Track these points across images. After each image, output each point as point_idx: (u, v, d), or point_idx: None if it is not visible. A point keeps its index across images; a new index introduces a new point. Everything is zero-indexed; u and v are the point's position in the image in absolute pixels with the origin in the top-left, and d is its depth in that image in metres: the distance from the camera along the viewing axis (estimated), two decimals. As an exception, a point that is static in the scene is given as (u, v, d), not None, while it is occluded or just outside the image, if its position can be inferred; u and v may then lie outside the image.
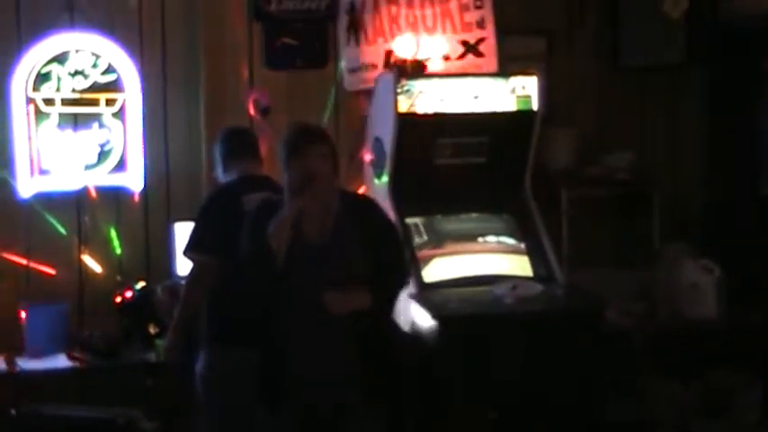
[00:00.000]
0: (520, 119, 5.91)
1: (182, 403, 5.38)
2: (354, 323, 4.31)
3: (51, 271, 6.04)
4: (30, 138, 5.90)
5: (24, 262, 5.99)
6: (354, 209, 4.44)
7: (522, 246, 5.94)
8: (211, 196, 5.14)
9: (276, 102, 6.25)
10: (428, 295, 5.49)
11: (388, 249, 4.49)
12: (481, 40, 6.38)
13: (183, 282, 5.56)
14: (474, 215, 5.97)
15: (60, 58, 5.95)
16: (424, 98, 5.71)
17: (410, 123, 5.72)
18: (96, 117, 6.05)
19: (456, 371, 5.27)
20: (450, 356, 5.26)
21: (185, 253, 4.98)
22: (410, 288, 5.24)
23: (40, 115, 5.93)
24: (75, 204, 6.06)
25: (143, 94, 6.10)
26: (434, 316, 5.30)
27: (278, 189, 4.45)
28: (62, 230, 6.05)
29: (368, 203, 4.66)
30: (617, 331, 5.91)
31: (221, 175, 5.23)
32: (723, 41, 6.77)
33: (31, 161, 5.91)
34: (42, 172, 5.94)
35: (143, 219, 6.19)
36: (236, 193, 4.85)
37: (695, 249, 6.52)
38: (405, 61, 6.06)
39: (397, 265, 4.59)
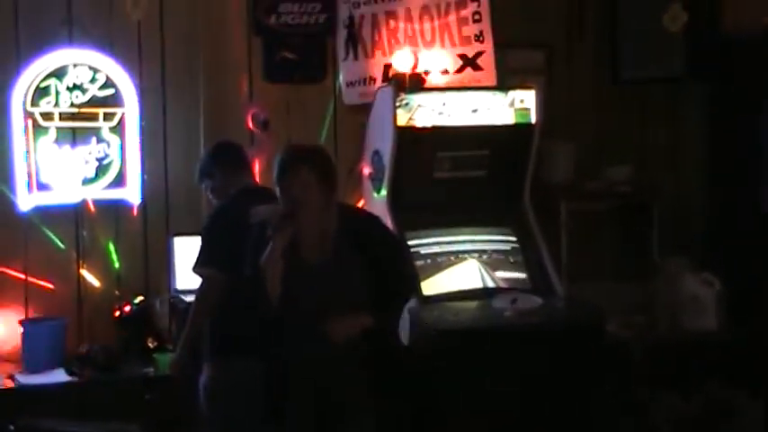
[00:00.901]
0: (519, 132, 5.92)
1: (180, 417, 5.35)
2: (358, 342, 4.37)
3: (50, 285, 6.00)
4: (28, 152, 5.88)
5: (23, 276, 5.95)
6: (353, 227, 4.44)
7: (522, 259, 5.93)
8: (219, 211, 5.10)
9: (275, 115, 6.24)
10: (427, 309, 5.46)
11: (390, 265, 4.50)
12: (480, 54, 6.38)
13: (180, 295, 5.73)
14: (473, 228, 5.93)
15: (58, 73, 5.93)
16: (422, 111, 5.71)
17: (409, 137, 5.72)
18: (95, 131, 6.02)
19: (455, 384, 5.25)
20: (449, 370, 5.24)
21: (195, 269, 4.97)
22: (410, 301, 5.20)
23: (38, 130, 5.90)
24: (73, 218, 6.03)
25: (141, 108, 6.07)
26: (434, 329, 5.28)
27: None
28: (61, 245, 6.02)
29: (367, 220, 4.67)
30: (617, 344, 5.90)
31: (216, 189, 5.23)
32: (723, 54, 6.76)
33: (30, 175, 5.88)
34: (41, 186, 5.91)
35: (142, 233, 6.16)
36: (243, 206, 4.77)
37: (695, 262, 6.50)
38: (403, 75, 6.04)
39: (401, 280, 4.63)
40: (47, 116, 5.93)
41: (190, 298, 5.51)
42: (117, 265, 6.12)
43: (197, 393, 5.00)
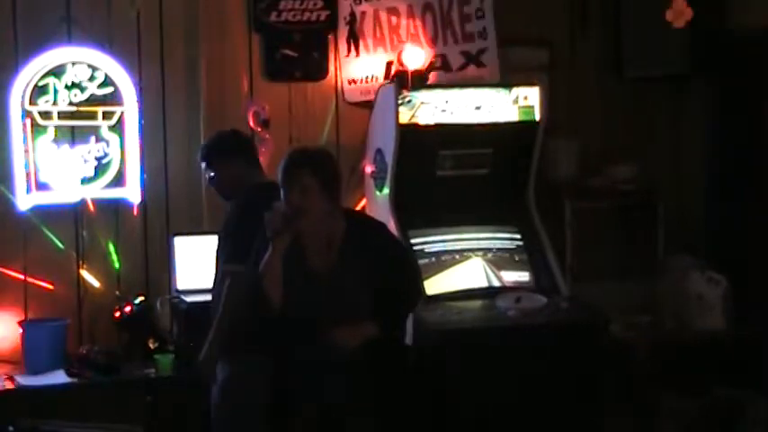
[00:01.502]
0: (523, 129, 5.88)
1: (182, 419, 5.40)
2: (362, 349, 4.35)
3: (49, 286, 5.97)
4: (27, 151, 5.84)
5: (22, 277, 5.92)
6: (360, 235, 4.42)
7: (526, 257, 5.90)
8: (243, 206, 4.98)
9: (276, 114, 6.21)
10: (430, 308, 5.41)
11: (396, 275, 4.48)
12: (483, 51, 6.35)
13: (181, 296, 5.71)
14: (477, 227, 5.89)
15: (57, 71, 5.88)
16: (425, 109, 5.67)
17: (412, 134, 5.68)
18: (94, 130, 5.97)
19: (458, 384, 5.23)
20: (452, 370, 5.23)
21: (226, 264, 4.91)
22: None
23: (37, 129, 5.86)
24: (73, 218, 5.99)
25: (141, 107, 6.03)
26: (436, 330, 5.26)
27: None
28: (60, 245, 5.98)
29: (374, 227, 4.65)
30: (622, 344, 5.90)
31: (227, 178, 5.19)
32: (728, 50, 6.74)
33: (29, 175, 5.84)
34: (40, 186, 5.86)
35: (142, 233, 6.12)
36: (267, 200, 4.53)
37: (700, 261, 6.47)
38: (406, 72, 6.00)
39: (406, 290, 4.61)
40: (45, 115, 5.89)
41: (191, 298, 5.65)
42: (117, 265, 6.09)
43: (198, 395, 5.00)
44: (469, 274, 5.78)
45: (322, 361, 4.34)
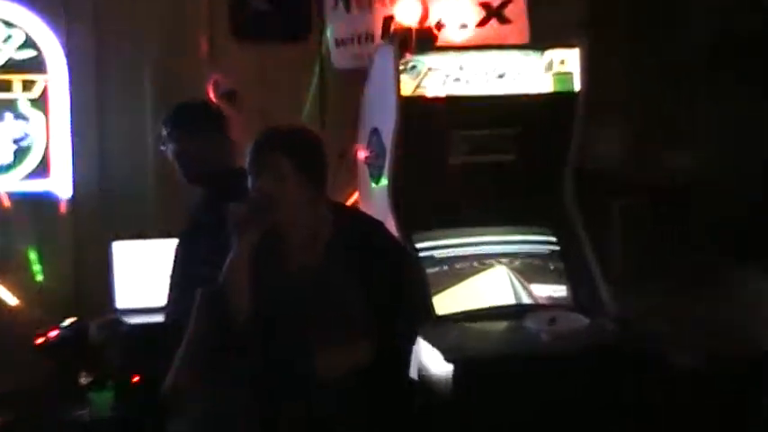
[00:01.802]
0: (558, 103, 5.32)
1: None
2: (352, 377, 3.96)
3: (-47, 305, 5.56)
4: (-76, 132, 5.58)
5: None
6: (351, 234, 4.13)
7: (562, 266, 5.39)
8: (217, 196, 4.53)
9: (244, 84, 5.91)
10: (441, 332, 4.90)
11: (396, 287, 4.12)
12: (507, 2, 5.70)
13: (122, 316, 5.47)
14: (500, 227, 5.39)
15: (-40, 29, 5.57)
16: (434, 77, 5.14)
17: (417, 110, 5.16)
18: (10, 104, 5.68)
19: (476, 426, 4.65)
20: (468, 409, 4.64)
21: (194, 268, 4.47)
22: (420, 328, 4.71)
23: (-64, 102, 5.58)
24: (-17, 217, 5.58)
25: (71, 76, 5.72)
26: (449, 359, 4.68)
27: None
28: (-34, 252, 5.56)
29: (369, 225, 4.35)
30: (680, 374, 5.21)
31: (195, 155, 4.67)
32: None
33: (-74, 161, 5.59)
34: (-60, 176, 5.60)
35: (72, 236, 5.80)
36: (241, 190, 4.29)
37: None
38: (409, 30, 5.36)
39: (408, 305, 4.23)
40: (-54, 84, 5.65)
41: (135, 319, 5.44)
42: (40, 277, 5.78)
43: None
44: (491, 288, 5.28)
45: (302, 384, 3.97)
